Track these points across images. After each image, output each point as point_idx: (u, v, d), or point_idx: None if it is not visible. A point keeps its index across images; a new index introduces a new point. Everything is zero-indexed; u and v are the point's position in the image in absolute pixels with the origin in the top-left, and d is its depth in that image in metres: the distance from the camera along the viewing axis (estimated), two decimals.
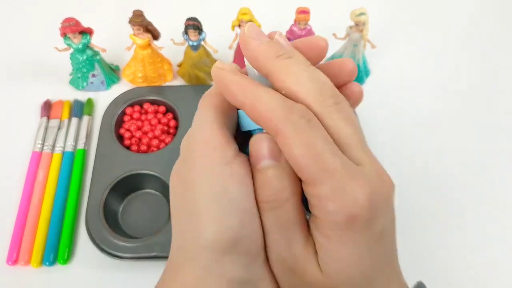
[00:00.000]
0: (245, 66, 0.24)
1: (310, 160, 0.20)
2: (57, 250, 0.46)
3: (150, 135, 0.54)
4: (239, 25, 0.54)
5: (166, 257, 0.26)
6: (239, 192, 0.21)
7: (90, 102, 0.57)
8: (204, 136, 0.22)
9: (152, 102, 0.56)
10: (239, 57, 0.57)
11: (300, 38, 0.58)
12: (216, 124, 0.22)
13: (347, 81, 0.24)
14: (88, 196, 0.48)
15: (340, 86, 0.23)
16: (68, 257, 0.46)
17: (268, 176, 0.22)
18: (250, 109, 0.21)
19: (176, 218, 0.23)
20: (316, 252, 0.21)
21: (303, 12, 0.53)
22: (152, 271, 0.26)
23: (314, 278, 0.21)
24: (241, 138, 0.24)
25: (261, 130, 0.23)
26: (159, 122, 0.55)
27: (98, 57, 0.57)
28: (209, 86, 0.59)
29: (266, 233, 0.22)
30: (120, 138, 0.54)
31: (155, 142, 0.53)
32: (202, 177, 0.22)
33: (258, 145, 0.22)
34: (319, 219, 0.21)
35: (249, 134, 0.24)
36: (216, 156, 0.22)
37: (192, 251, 0.21)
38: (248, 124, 0.24)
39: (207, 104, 0.23)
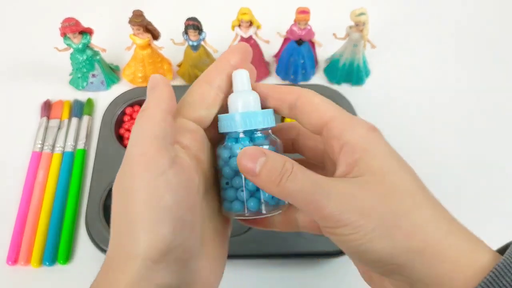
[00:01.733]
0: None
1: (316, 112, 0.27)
2: (57, 250, 0.46)
3: None
4: (239, 25, 0.55)
5: None
6: (172, 200, 0.23)
7: (90, 102, 0.57)
8: (141, 148, 0.24)
9: None
10: None
11: (300, 37, 0.57)
12: (152, 137, 0.24)
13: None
14: (88, 196, 0.48)
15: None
16: (68, 257, 0.46)
17: (269, 165, 0.24)
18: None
19: (116, 221, 0.24)
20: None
21: (303, 12, 0.53)
22: None
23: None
24: (219, 137, 0.28)
25: (237, 133, 0.27)
26: None
27: (98, 57, 0.57)
28: None
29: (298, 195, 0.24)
30: (120, 138, 0.54)
31: None
32: (139, 186, 0.23)
33: (248, 155, 0.24)
34: (344, 148, 0.26)
35: (224, 135, 0.28)
36: (151, 167, 0.23)
37: (127, 255, 0.23)
38: (224, 126, 0.27)
39: (143, 118, 0.25)
